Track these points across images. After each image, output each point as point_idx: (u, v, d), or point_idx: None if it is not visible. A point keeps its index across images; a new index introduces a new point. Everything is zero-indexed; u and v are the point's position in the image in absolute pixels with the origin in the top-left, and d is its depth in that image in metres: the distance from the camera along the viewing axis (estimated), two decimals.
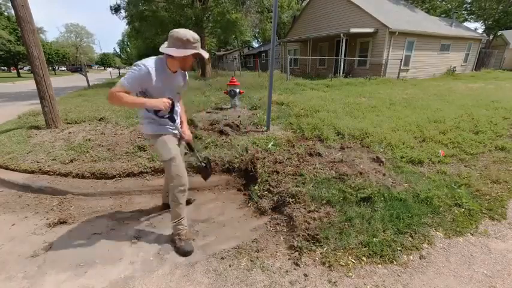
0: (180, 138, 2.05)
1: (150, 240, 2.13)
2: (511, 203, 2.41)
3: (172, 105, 1.78)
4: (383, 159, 3.06)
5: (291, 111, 5.18)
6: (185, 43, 1.65)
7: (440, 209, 2.26)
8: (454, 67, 15.67)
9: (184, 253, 1.93)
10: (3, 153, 3.58)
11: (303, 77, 13.06)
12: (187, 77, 2.03)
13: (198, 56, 1.75)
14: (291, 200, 2.38)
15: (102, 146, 3.70)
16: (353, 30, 11.37)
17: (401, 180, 2.68)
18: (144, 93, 1.75)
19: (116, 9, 16.37)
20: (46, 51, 33.74)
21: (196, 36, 1.70)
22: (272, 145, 3.50)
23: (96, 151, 3.54)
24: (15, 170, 3.22)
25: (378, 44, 12.24)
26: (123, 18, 16.44)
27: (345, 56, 12.39)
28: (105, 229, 2.29)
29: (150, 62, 1.69)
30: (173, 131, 1.94)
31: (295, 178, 2.72)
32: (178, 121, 1.97)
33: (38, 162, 3.30)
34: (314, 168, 2.87)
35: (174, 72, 1.83)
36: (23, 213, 2.55)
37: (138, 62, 1.69)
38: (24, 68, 47.00)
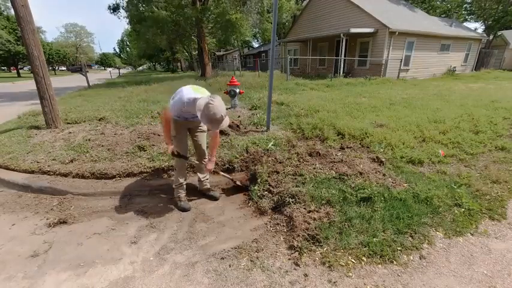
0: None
1: (150, 240, 2.13)
2: (511, 203, 2.41)
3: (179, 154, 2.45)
4: (383, 159, 3.06)
5: (291, 111, 5.18)
6: (207, 119, 1.99)
7: (440, 209, 2.25)
8: (454, 67, 15.67)
9: (183, 210, 2.55)
10: (3, 153, 3.58)
11: (303, 77, 13.06)
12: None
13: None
14: (291, 200, 2.37)
15: (102, 146, 3.69)
16: (353, 30, 11.37)
17: (401, 180, 2.68)
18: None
19: (114, 8, 16.37)
20: (46, 51, 33.76)
21: (216, 118, 1.95)
22: (272, 145, 3.50)
23: (96, 151, 3.54)
24: (15, 170, 3.22)
25: (378, 44, 12.24)
26: (124, 18, 16.47)
27: (345, 56, 12.39)
28: (105, 229, 2.29)
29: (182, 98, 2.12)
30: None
31: (295, 178, 2.72)
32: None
33: (38, 162, 3.30)
34: (314, 168, 2.87)
35: None
36: (23, 213, 2.55)
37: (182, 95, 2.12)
38: (24, 68, 47.00)
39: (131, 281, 1.72)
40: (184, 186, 2.62)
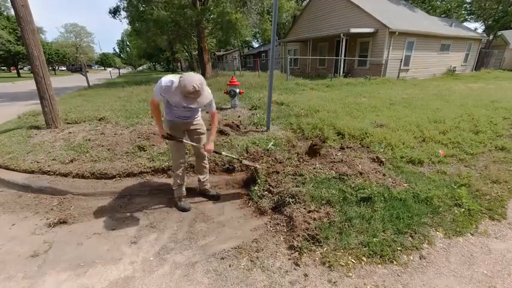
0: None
1: (150, 240, 2.13)
2: (511, 203, 2.41)
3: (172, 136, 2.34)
4: (383, 159, 3.06)
5: (291, 111, 5.18)
6: (182, 91, 1.92)
7: (440, 209, 2.26)
8: (454, 67, 15.67)
9: (183, 210, 2.56)
10: (3, 153, 3.58)
11: (303, 77, 13.05)
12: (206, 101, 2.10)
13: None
14: (291, 200, 2.37)
15: (102, 146, 3.69)
16: (353, 30, 11.37)
17: (401, 180, 2.68)
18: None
19: (114, 12, 16.42)
20: (46, 51, 33.75)
21: (191, 89, 1.87)
22: (272, 145, 3.50)
23: (96, 151, 3.54)
24: (15, 170, 3.22)
25: (378, 44, 12.24)
26: (124, 18, 16.48)
27: (345, 56, 12.38)
28: (105, 229, 2.29)
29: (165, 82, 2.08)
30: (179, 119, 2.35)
31: (295, 178, 2.72)
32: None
33: (38, 162, 3.30)
34: (314, 168, 2.87)
35: None
36: (23, 213, 2.55)
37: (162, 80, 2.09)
38: (24, 68, 47.01)
39: (131, 281, 1.72)
40: (183, 187, 2.61)
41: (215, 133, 2.46)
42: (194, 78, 1.89)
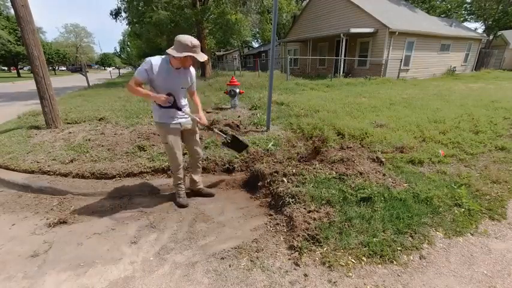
0: (184, 130, 2.44)
1: (150, 240, 2.13)
2: (511, 203, 2.41)
3: (174, 99, 2.20)
4: (383, 159, 3.06)
5: (291, 111, 5.18)
6: (184, 47, 2.02)
7: (440, 209, 2.25)
8: (454, 67, 15.68)
9: (181, 205, 2.60)
10: (3, 153, 3.58)
11: (303, 77, 13.06)
12: (194, 75, 2.37)
13: (193, 59, 2.11)
14: (291, 200, 2.37)
15: (102, 146, 3.70)
16: (353, 30, 11.38)
17: (401, 180, 2.67)
18: (152, 85, 2.17)
19: (116, 14, 16.44)
20: (46, 51, 33.77)
21: (195, 41, 2.04)
22: (272, 145, 3.50)
23: (96, 151, 3.54)
24: (15, 170, 3.22)
25: (378, 44, 12.25)
26: (123, 19, 16.48)
27: (345, 56, 12.39)
28: (105, 229, 2.29)
29: (155, 59, 2.12)
30: (177, 121, 2.32)
31: (295, 178, 2.72)
32: (186, 109, 2.36)
33: (38, 162, 3.30)
34: (314, 168, 2.87)
35: (177, 69, 2.18)
36: (23, 213, 2.55)
37: (147, 58, 2.11)
38: (24, 68, 47.05)
39: (131, 281, 1.72)
40: (182, 185, 2.67)
41: (201, 109, 2.48)
42: (186, 35, 2.04)
